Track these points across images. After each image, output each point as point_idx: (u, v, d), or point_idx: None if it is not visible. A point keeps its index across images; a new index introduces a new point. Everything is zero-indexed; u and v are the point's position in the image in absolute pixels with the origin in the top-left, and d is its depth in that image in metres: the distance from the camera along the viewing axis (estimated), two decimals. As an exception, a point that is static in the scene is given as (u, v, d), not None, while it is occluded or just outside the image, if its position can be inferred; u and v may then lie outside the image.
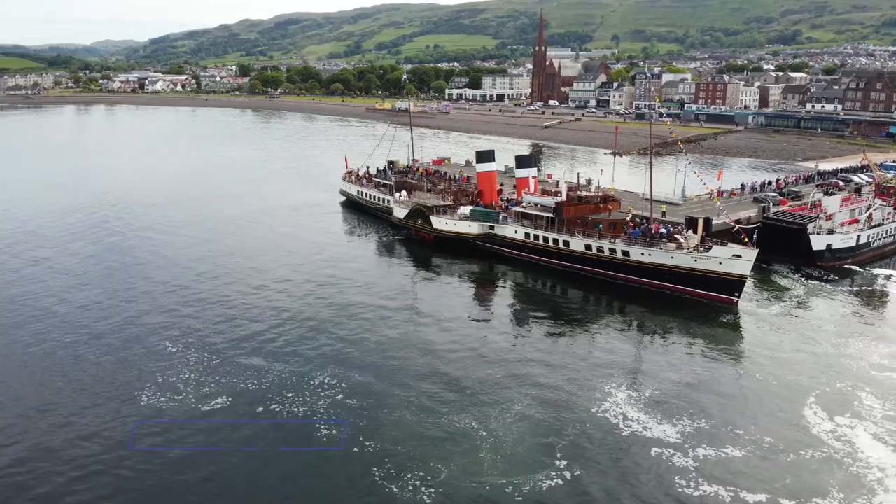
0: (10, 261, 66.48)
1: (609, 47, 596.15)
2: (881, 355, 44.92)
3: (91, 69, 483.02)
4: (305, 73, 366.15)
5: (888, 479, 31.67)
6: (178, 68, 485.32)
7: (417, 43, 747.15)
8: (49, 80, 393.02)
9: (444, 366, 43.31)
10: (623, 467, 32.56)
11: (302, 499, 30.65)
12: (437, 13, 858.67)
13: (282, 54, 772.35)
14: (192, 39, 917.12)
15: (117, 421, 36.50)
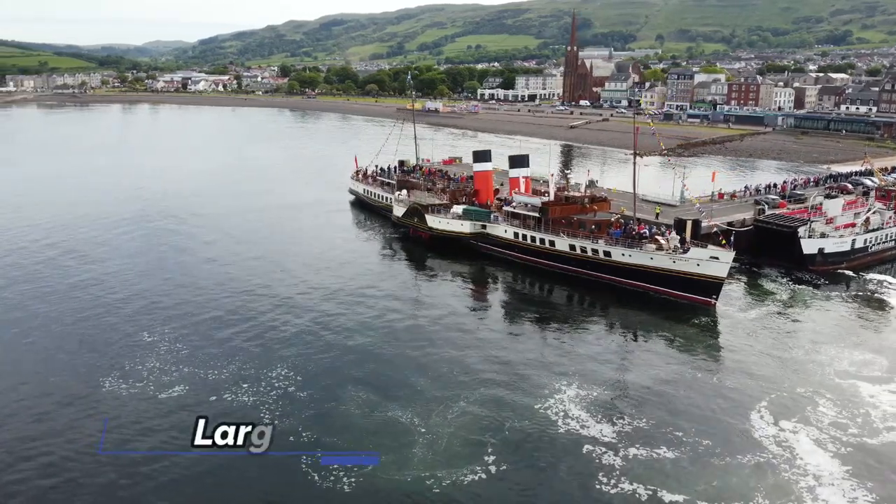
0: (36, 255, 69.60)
1: (653, 47, 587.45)
2: (851, 362, 43.93)
3: (138, 69, 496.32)
4: (342, 74, 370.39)
5: (819, 487, 31.17)
6: (223, 69, 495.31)
7: (459, 43, 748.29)
8: (97, 79, 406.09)
9: (404, 361, 43.92)
10: (548, 464, 32.79)
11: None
12: (480, 13, 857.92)
13: (325, 55, 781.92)
14: (239, 40, 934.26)
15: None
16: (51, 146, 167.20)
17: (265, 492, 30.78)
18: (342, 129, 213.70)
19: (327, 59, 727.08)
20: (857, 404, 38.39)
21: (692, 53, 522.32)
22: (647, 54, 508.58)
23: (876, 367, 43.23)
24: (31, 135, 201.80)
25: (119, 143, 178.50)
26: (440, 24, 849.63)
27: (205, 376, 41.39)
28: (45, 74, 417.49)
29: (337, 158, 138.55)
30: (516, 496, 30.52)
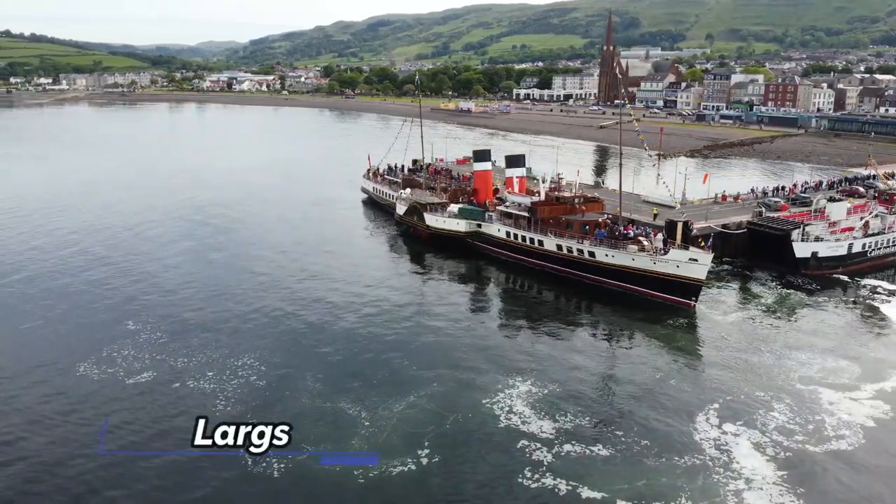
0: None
1: (702, 47, 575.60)
2: (821, 368, 43.05)
3: (188, 69, 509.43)
4: (381, 74, 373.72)
5: (747, 491, 30.89)
6: (269, 69, 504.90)
7: (504, 43, 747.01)
8: (146, 78, 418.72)
9: (369, 355, 44.80)
10: (478, 458, 33.21)
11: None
12: (527, 13, 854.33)
13: (371, 55, 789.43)
14: (288, 41, 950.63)
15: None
16: (103, 142, 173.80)
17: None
18: (378, 129, 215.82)
19: (373, 59, 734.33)
20: (812, 411, 37.71)
21: (742, 53, 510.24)
22: (695, 54, 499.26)
23: (846, 374, 42.27)
24: (85, 132, 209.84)
25: (160, 141, 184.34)
26: (486, 24, 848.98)
27: (193, 370, 43.02)
28: (97, 73, 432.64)
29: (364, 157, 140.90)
30: (436, 488, 31.04)
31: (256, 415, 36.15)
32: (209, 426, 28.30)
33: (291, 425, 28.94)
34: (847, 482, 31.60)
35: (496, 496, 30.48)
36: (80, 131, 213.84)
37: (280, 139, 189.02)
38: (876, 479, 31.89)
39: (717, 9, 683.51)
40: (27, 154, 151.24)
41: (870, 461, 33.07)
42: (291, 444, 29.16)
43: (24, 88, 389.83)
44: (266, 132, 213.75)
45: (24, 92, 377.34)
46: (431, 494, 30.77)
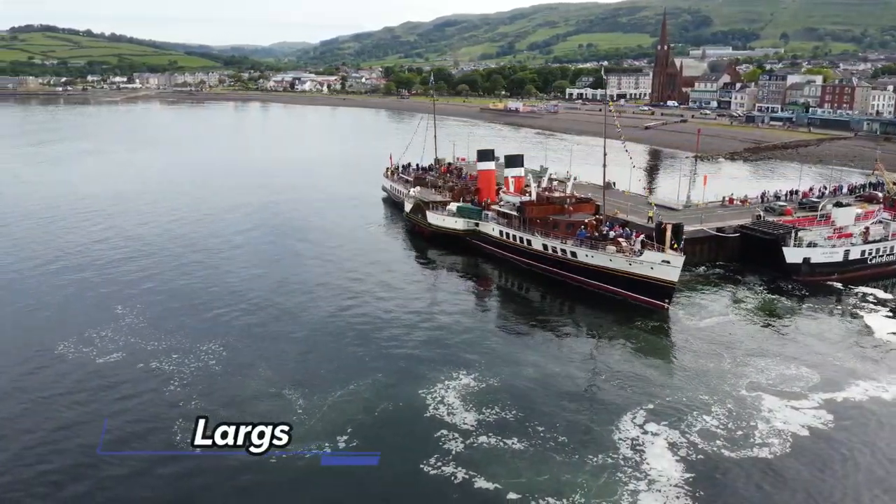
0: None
1: (776, 46, 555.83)
2: (776, 375, 42.11)
3: (256, 69, 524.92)
4: (438, 75, 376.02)
5: (644, 492, 30.83)
6: (333, 69, 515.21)
7: (570, 42, 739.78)
8: (214, 78, 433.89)
9: (331, 344, 46.57)
10: (391, 447, 34.16)
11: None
12: (594, 11, 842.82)
13: (436, 56, 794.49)
14: (357, 42, 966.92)
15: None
16: (174, 139, 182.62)
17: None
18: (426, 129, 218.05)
19: (437, 59, 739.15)
20: (746, 417, 37.11)
21: (817, 53, 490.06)
22: (766, 53, 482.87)
23: (800, 383, 41.23)
24: (157, 130, 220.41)
25: (226, 138, 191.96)
26: (552, 24, 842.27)
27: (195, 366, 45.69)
28: (168, 73, 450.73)
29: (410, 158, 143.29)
30: (340, 475, 32.15)
31: (213, 398, 38.56)
32: (209, 426, 28.89)
33: (291, 425, 29.81)
34: (748, 489, 31.23)
35: (388, 482, 31.49)
36: (153, 129, 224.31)
37: (331, 138, 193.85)
38: (782, 487, 31.34)
39: (792, 7, 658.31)
40: (103, 150, 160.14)
41: (784, 470, 32.47)
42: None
43: (100, 87, 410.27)
44: (321, 131, 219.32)
45: (100, 90, 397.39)
46: (325, 480, 31.85)
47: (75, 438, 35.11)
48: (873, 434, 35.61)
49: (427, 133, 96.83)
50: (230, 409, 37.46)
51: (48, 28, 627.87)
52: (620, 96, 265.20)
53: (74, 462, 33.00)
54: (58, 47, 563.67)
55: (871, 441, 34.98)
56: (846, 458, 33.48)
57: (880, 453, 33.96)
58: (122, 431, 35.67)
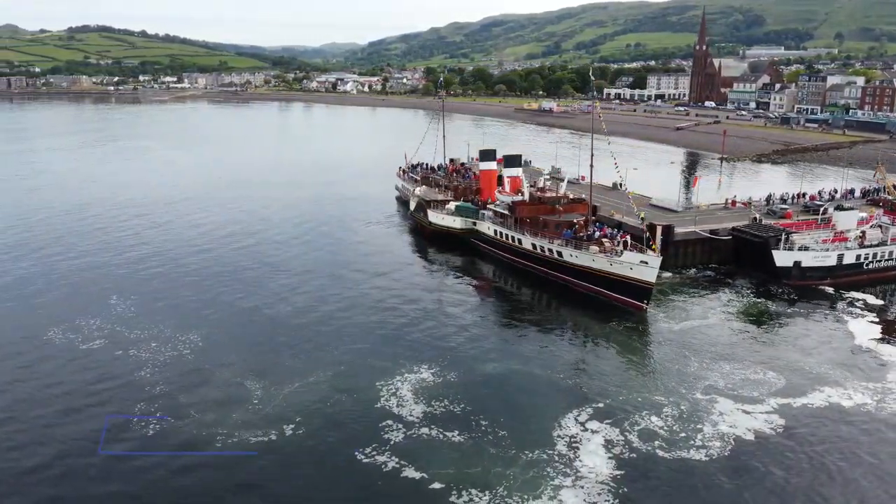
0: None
1: (830, 46, 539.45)
2: (739, 379, 41.71)
3: (302, 69, 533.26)
4: (478, 75, 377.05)
5: (567, 488, 31.05)
6: (375, 70, 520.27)
7: (618, 42, 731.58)
8: (260, 78, 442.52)
9: (303, 339, 47.98)
10: (337, 434, 35.35)
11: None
12: (644, 11, 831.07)
13: (482, 56, 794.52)
14: (404, 42, 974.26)
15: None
16: (222, 139, 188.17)
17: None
18: (470, 129, 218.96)
19: (483, 59, 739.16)
20: (693, 420, 36.94)
21: (871, 54, 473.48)
22: (819, 54, 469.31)
23: (761, 387, 40.69)
24: (206, 129, 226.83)
25: (270, 138, 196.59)
26: (600, 23, 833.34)
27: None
28: (215, 73, 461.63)
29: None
30: (278, 464, 33.27)
31: (176, 385, 40.51)
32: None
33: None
34: (671, 489, 31.24)
35: (320, 469, 32.55)
36: (195, 129, 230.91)
37: (366, 138, 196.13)
38: (706, 490, 31.23)
39: (848, 7, 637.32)
40: (148, 147, 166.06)
41: (715, 473, 32.30)
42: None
43: (150, 86, 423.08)
44: (357, 131, 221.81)
45: (149, 90, 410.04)
46: (264, 466, 32.99)
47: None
48: (819, 442, 35.01)
49: (435, 131, 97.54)
50: (190, 397, 39.15)
51: (104, 28, 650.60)
52: (658, 96, 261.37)
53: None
54: (113, 47, 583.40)
55: (815, 449, 34.39)
56: (783, 465, 33.08)
57: (818, 461, 33.45)
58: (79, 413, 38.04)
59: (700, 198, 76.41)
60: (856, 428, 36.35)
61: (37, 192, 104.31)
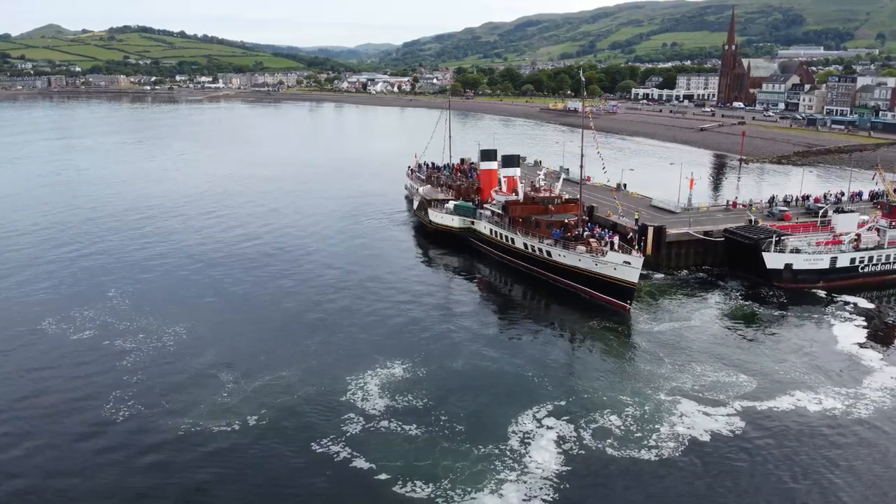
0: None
1: (871, 47, 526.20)
2: (707, 381, 41.51)
3: (335, 70, 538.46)
4: (506, 75, 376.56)
5: (511, 482, 31.54)
6: (410, 70, 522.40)
7: (654, 41, 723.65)
8: (292, 79, 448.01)
9: (282, 333, 49.21)
10: (295, 426, 36.28)
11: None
12: (681, 10, 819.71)
13: (515, 55, 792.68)
14: (438, 43, 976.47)
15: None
16: (260, 138, 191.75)
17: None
18: (499, 130, 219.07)
19: (516, 59, 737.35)
20: (653, 420, 37.00)
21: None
22: (859, 55, 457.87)
23: (730, 390, 40.44)
24: (243, 130, 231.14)
25: (289, 138, 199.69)
26: (636, 23, 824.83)
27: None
28: (249, 73, 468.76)
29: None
30: (234, 453, 34.18)
31: (152, 375, 41.95)
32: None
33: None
34: (614, 486, 31.50)
35: (272, 459, 33.44)
36: (231, 127, 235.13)
37: (390, 137, 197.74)
38: (648, 488, 31.38)
39: (891, 6, 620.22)
40: (173, 147, 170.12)
41: (662, 472, 32.46)
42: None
43: (186, 86, 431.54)
44: (384, 130, 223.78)
45: (185, 89, 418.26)
46: (221, 455, 33.99)
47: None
48: (773, 446, 34.75)
49: (445, 130, 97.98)
50: (163, 387, 40.47)
51: (144, 29, 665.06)
52: (687, 97, 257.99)
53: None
54: (152, 48, 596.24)
55: (767, 452, 34.20)
56: (731, 466, 33.07)
57: (766, 464, 33.30)
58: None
59: (700, 199, 75.61)
60: (816, 433, 35.99)
61: (58, 188, 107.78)
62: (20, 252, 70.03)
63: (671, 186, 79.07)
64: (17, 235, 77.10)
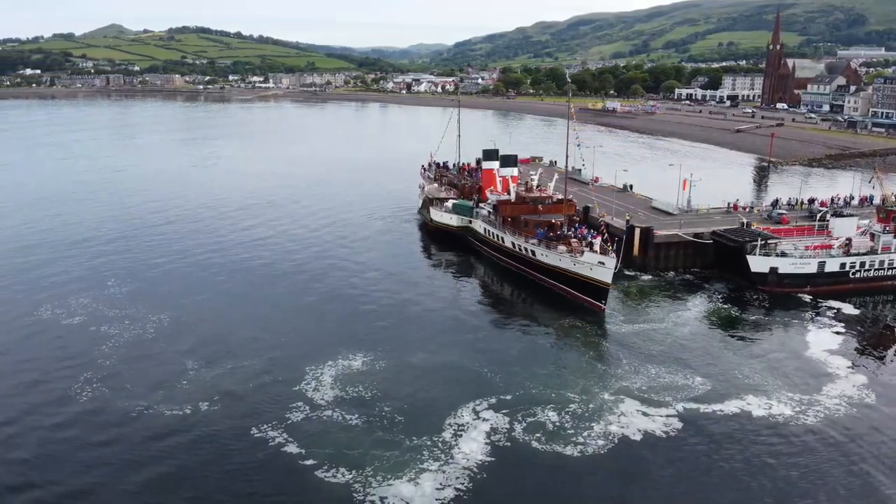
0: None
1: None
2: (656, 383, 41.45)
3: (384, 70, 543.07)
4: (550, 74, 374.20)
5: (431, 471, 32.45)
6: (456, 70, 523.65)
7: (710, 41, 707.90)
8: (340, 79, 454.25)
9: (256, 324, 51.16)
10: (243, 410, 37.98)
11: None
12: (738, 9, 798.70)
13: (567, 55, 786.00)
14: (489, 42, 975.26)
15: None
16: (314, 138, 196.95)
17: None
18: (541, 131, 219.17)
19: (567, 58, 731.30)
20: (591, 417, 37.33)
21: None
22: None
23: (679, 392, 40.29)
24: (301, 130, 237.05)
25: (325, 137, 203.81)
26: (692, 21, 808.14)
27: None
28: (298, 73, 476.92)
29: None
30: (180, 435, 35.97)
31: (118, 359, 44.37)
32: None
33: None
34: (531, 479, 32.10)
35: (211, 441, 35.10)
36: (275, 125, 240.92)
37: (427, 137, 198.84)
38: (561, 484, 31.89)
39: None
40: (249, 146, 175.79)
41: (581, 468, 32.92)
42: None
43: (237, 85, 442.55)
44: (424, 130, 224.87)
45: (235, 88, 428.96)
46: (167, 437, 35.84)
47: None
48: (706, 449, 34.69)
49: (456, 128, 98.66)
50: (131, 372, 42.69)
51: (203, 30, 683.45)
52: (731, 97, 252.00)
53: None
54: (209, 48, 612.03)
55: (698, 456, 34.17)
56: (654, 465, 33.29)
57: (694, 466, 33.38)
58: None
59: (704, 201, 74.49)
60: (752, 438, 35.75)
61: (95, 186, 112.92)
62: (41, 246, 73.96)
63: (675, 188, 78.17)
64: (46, 232, 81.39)
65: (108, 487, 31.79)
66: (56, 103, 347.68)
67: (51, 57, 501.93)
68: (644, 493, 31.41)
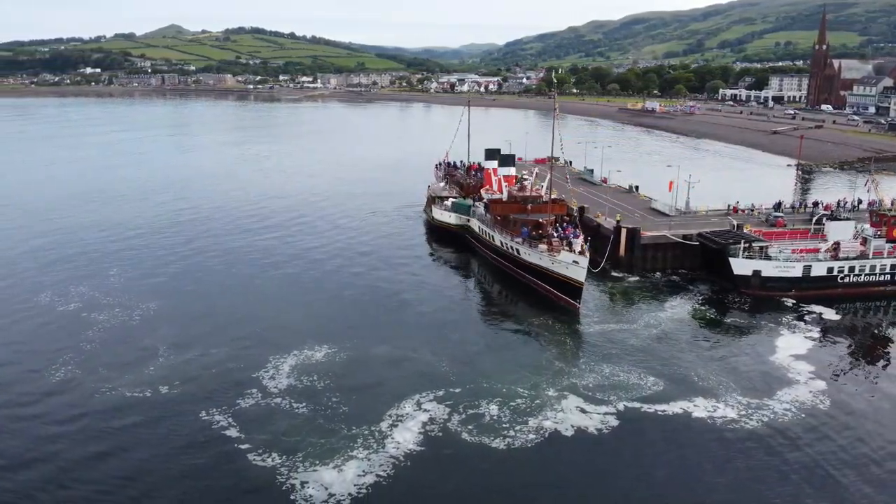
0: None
1: None
2: (602, 382, 41.45)
3: (431, 70, 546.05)
4: (596, 74, 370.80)
5: (358, 459, 33.47)
6: (500, 70, 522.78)
7: (766, 40, 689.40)
8: (386, 79, 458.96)
9: (236, 315, 53.19)
10: (198, 398, 39.83)
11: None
12: (797, 8, 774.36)
13: (619, 54, 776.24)
14: (540, 42, 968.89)
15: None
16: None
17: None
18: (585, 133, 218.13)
19: (619, 58, 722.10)
20: (529, 412, 37.82)
21: None
22: None
23: (626, 391, 40.22)
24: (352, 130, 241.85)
25: (361, 137, 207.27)
26: (749, 20, 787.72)
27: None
28: (346, 74, 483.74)
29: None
30: (133, 416, 38.06)
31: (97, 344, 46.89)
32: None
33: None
34: (450, 467, 32.95)
35: (160, 422, 37.01)
36: (318, 125, 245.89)
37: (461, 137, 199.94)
38: (485, 472, 32.64)
39: None
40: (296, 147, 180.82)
41: (503, 460, 33.57)
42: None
43: (286, 85, 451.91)
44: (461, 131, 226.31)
45: (284, 88, 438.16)
46: (119, 418, 37.91)
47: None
48: (634, 449, 34.80)
49: (466, 126, 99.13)
50: (107, 355, 45.14)
51: (257, 30, 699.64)
52: (776, 98, 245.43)
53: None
54: (263, 48, 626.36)
55: (622, 454, 34.42)
56: (574, 461, 33.81)
57: (618, 463, 33.67)
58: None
59: (705, 202, 73.60)
60: (686, 439, 35.72)
61: (117, 179, 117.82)
62: (54, 239, 77.95)
63: (676, 188, 77.44)
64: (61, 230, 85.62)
65: (59, 456, 34.03)
66: (112, 101, 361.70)
67: (110, 56, 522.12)
68: (558, 489, 31.84)
